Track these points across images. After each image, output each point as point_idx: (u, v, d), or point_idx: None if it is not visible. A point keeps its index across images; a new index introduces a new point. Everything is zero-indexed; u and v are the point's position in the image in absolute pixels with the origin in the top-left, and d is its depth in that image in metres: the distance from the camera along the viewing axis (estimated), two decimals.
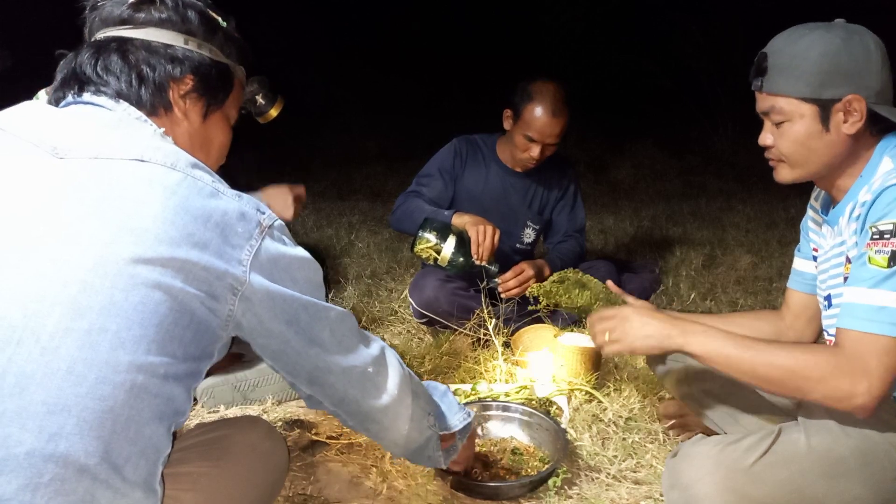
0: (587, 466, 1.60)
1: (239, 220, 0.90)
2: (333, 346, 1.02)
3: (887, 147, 1.23)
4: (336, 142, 7.12)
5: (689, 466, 1.23)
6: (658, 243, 3.76)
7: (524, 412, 1.71)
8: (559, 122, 2.28)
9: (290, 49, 7.99)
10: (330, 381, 1.04)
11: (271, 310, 0.93)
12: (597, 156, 6.37)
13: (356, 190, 5.43)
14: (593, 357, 1.99)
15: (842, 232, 1.29)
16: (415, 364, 2.10)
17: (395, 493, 1.49)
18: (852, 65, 1.19)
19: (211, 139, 1.09)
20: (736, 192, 5.14)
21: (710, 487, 1.19)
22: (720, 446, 1.23)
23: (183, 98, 1.02)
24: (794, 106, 1.23)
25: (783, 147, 1.28)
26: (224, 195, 0.91)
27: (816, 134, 1.23)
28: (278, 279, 0.94)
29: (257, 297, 0.91)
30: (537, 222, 2.56)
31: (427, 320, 2.35)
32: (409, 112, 7.35)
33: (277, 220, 0.97)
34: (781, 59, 1.24)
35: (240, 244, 0.89)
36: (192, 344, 0.87)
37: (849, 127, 1.21)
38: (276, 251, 0.94)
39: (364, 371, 1.06)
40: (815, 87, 1.20)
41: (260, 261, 0.91)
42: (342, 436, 1.72)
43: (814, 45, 1.20)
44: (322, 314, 1.00)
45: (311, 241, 3.77)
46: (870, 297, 1.12)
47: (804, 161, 1.27)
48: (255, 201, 0.96)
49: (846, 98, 1.19)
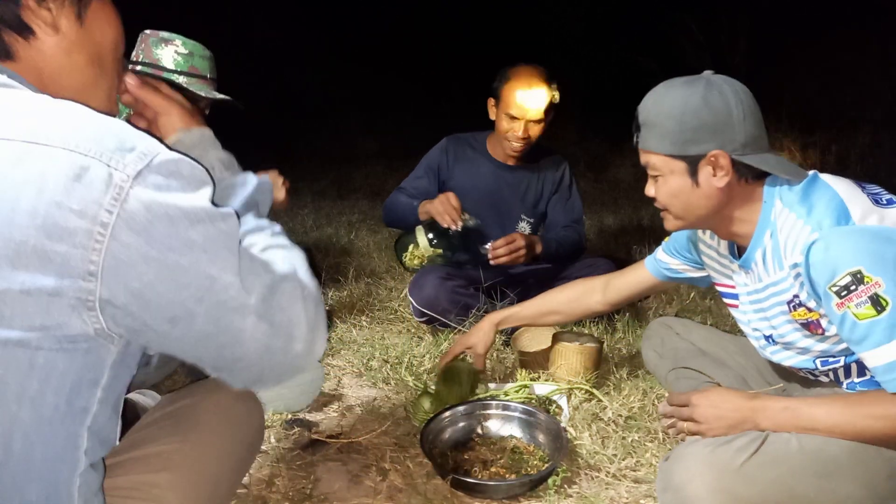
0: (587, 465, 1.60)
1: (70, 188, 0.66)
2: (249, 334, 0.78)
3: (773, 188, 1.28)
4: (336, 141, 7.13)
5: (681, 468, 1.24)
6: (658, 242, 3.74)
7: (524, 411, 1.71)
8: (537, 95, 2.30)
9: (289, 49, 8.00)
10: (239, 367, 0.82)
11: (147, 312, 0.72)
12: (597, 155, 6.37)
13: (356, 189, 5.44)
14: (593, 356, 1.99)
15: (762, 278, 1.33)
16: (415, 364, 2.10)
17: (395, 492, 1.49)
18: (713, 121, 1.22)
19: (99, 41, 0.83)
20: None
21: (701, 488, 1.20)
22: (711, 447, 1.24)
23: (42, 5, 0.76)
24: (665, 162, 1.29)
25: (662, 200, 1.35)
26: (43, 143, 0.66)
27: (688, 188, 1.29)
28: (156, 258, 0.69)
29: (121, 306, 0.70)
30: (531, 216, 2.56)
31: (427, 319, 2.35)
32: (408, 111, 7.35)
33: (154, 153, 0.71)
34: (649, 118, 1.30)
35: (80, 230, 0.66)
36: (47, 392, 0.71)
37: (718, 181, 1.26)
38: (148, 218, 0.69)
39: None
40: (680, 144, 1.25)
41: (121, 244, 0.68)
42: (342, 435, 1.73)
43: (675, 103, 1.25)
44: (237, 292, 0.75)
45: (310, 240, 3.77)
46: (878, 357, 1.13)
47: (684, 213, 1.33)
48: (117, 131, 0.71)
49: (710, 154, 1.24)
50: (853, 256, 1.12)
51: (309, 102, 7.76)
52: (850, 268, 1.12)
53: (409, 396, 1.92)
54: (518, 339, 2.25)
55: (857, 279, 1.11)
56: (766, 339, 1.41)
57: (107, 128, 0.71)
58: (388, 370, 2.08)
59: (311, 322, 0.83)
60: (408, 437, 1.72)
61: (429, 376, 2.04)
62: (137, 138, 0.72)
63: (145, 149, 0.71)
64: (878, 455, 1.17)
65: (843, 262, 1.13)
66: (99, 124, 0.71)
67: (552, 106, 2.36)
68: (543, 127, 2.38)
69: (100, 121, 0.72)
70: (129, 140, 0.70)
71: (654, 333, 1.87)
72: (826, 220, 1.17)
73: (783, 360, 1.40)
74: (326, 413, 1.87)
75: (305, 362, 0.85)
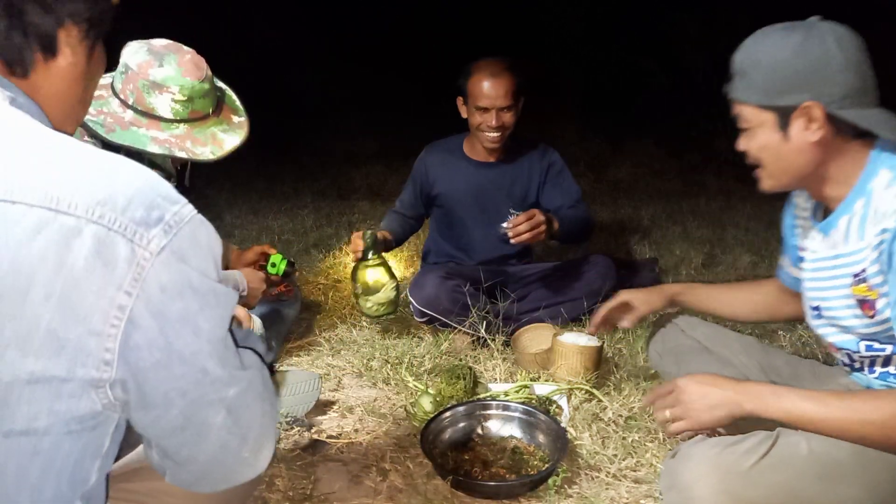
0: (587, 465, 1.60)
1: (91, 267, 0.62)
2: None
3: (882, 155, 1.18)
4: (335, 141, 7.13)
5: (688, 468, 1.23)
6: (658, 242, 3.75)
7: (524, 411, 1.71)
8: (501, 82, 2.29)
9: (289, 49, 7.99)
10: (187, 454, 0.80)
11: (133, 393, 0.70)
12: (597, 155, 6.36)
13: (356, 189, 5.43)
14: (593, 356, 1.99)
15: (836, 245, 1.25)
16: (415, 364, 2.10)
17: (395, 492, 1.49)
18: (809, 69, 1.13)
19: (94, 77, 0.84)
20: (736, 191, 5.13)
21: (707, 489, 1.19)
22: (719, 448, 1.23)
23: (74, 33, 0.77)
24: (755, 114, 1.21)
25: (753, 154, 1.26)
26: (66, 212, 0.61)
27: (777, 142, 1.20)
28: (163, 346, 0.67)
29: (121, 387, 0.69)
30: (520, 209, 2.49)
31: (427, 319, 2.35)
32: (408, 111, 7.35)
33: (182, 221, 0.68)
34: (741, 66, 1.22)
35: (97, 313, 0.62)
36: (48, 477, 0.68)
37: (811, 135, 1.16)
38: (163, 300, 0.66)
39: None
40: (771, 94, 1.17)
41: (136, 327, 0.65)
42: (342, 435, 1.73)
43: (769, 51, 1.17)
44: (218, 386, 0.75)
45: (311, 240, 3.77)
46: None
47: (776, 170, 1.24)
48: (147, 193, 0.66)
49: (802, 105, 1.14)
50: None
51: (309, 102, 7.75)
52: None
53: (409, 396, 1.92)
54: (518, 339, 2.25)
55: None
56: (814, 310, 1.34)
57: (136, 188, 0.66)
58: (389, 370, 2.08)
59: (264, 426, 0.83)
60: (408, 438, 1.72)
61: (429, 376, 2.04)
62: (166, 203, 0.68)
63: (172, 218, 0.67)
64: (881, 459, 1.16)
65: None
66: (129, 186, 0.66)
67: (521, 91, 2.35)
68: (515, 114, 2.36)
69: (130, 180, 0.67)
70: (158, 207, 0.67)
71: (659, 330, 1.86)
72: None
73: (827, 336, 1.33)
74: (327, 413, 1.87)
75: (245, 472, 0.84)
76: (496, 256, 2.58)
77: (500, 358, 2.16)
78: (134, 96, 1.62)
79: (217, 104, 1.74)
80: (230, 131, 1.72)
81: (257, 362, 0.84)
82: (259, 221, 4.22)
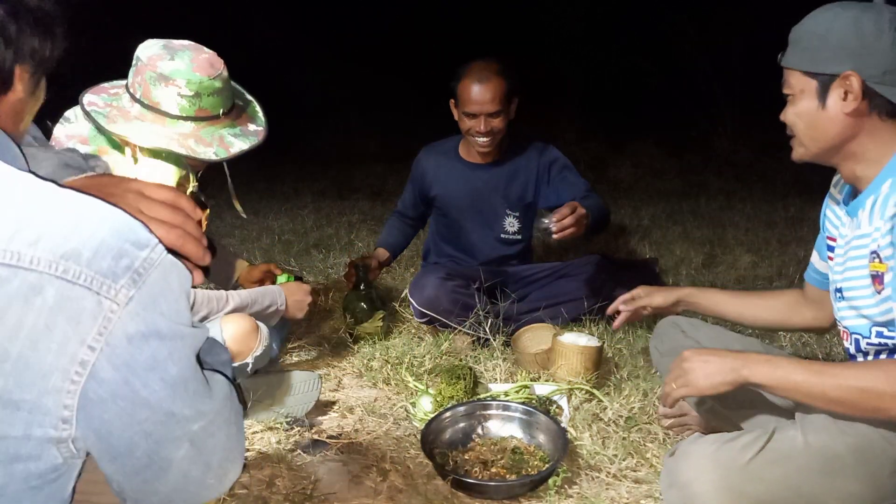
0: (587, 465, 1.60)
1: (52, 324, 0.60)
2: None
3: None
4: (335, 141, 7.13)
5: (687, 465, 1.24)
6: (658, 242, 3.76)
7: (524, 411, 1.71)
8: (489, 87, 2.27)
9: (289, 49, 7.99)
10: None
11: (97, 449, 0.68)
12: (597, 155, 6.36)
13: (356, 189, 5.44)
14: (593, 356, 1.99)
15: (861, 225, 1.26)
16: (415, 364, 2.10)
17: (395, 492, 1.49)
18: (856, 42, 1.16)
19: (32, 110, 0.83)
20: (736, 191, 5.14)
21: (707, 485, 1.20)
22: (717, 444, 1.24)
23: (27, 70, 0.76)
24: (799, 80, 1.24)
25: (790, 119, 1.29)
26: (27, 268, 0.59)
27: (814, 110, 1.23)
28: (127, 395, 0.65)
29: (83, 442, 0.66)
30: (517, 209, 2.51)
31: (428, 319, 2.35)
32: (408, 111, 7.35)
33: (151, 266, 0.65)
34: (796, 34, 1.25)
35: (55, 371, 0.60)
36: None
37: (846, 105, 1.19)
38: (129, 351, 0.64)
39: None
40: (815, 61, 1.21)
41: (98, 381, 0.62)
42: (342, 435, 1.73)
43: (824, 20, 1.21)
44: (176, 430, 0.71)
45: (311, 240, 3.77)
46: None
47: (808, 138, 1.27)
48: (114, 240, 0.63)
49: (843, 74, 1.17)
50: None
51: (309, 102, 7.75)
52: None
53: (409, 397, 1.92)
54: (518, 339, 2.25)
55: None
56: (837, 291, 1.35)
57: (101, 238, 0.63)
58: (389, 370, 2.08)
59: (228, 450, 0.80)
60: (408, 438, 1.72)
61: (429, 376, 2.04)
62: (134, 249, 0.65)
63: (141, 265, 0.64)
64: (882, 453, 1.17)
65: None
66: (95, 235, 0.63)
67: (512, 93, 2.32)
68: (505, 118, 2.33)
69: (96, 227, 0.64)
70: (126, 255, 0.64)
71: (661, 331, 1.86)
72: None
73: (844, 319, 1.34)
74: (327, 413, 1.87)
75: (209, 495, 0.82)
76: (495, 257, 2.58)
77: (500, 358, 2.16)
78: (141, 89, 1.59)
79: (232, 108, 1.70)
80: (241, 136, 1.68)
81: (225, 386, 0.81)
82: (259, 222, 4.22)
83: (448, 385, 1.84)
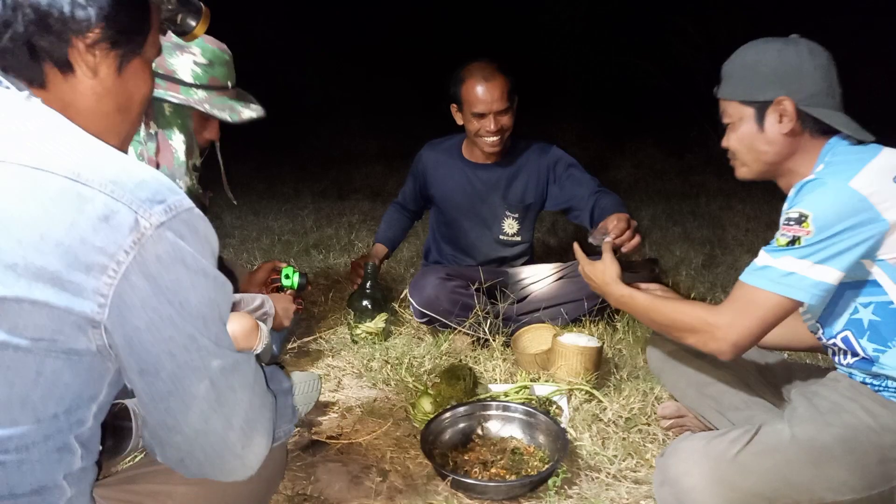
0: (587, 466, 1.60)
1: (98, 227, 0.71)
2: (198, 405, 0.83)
3: (828, 152, 1.31)
4: (335, 141, 7.13)
5: (677, 460, 1.27)
6: (658, 242, 3.76)
7: (524, 412, 1.71)
8: (495, 85, 2.27)
9: (289, 49, 7.99)
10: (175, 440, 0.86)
11: (128, 357, 0.77)
12: (597, 155, 6.36)
13: (356, 189, 5.43)
14: (593, 357, 1.99)
15: None
16: (415, 364, 2.10)
17: (395, 493, 1.49)
18: (783, 69, 1.31)
19: (131, 94, 0.88)
20: (736, 192, 5.13)
21: (697, 479, 1.22)
22: (706, 440, 1.27)
23: (90, 51, 0.81)
24: (737, 109, 1.38)
25: (732, 146, 1.43)
26: (84, 184, 0.72)
27: (754, 133, 1.37)
28: (154, 306, 0.75)
29: (115, 341, 0.76)
30: (516, 210, 2.51)
31: (427, 320, 2.35)
32: (408, 111, 7.35)
33: (181, 208, 0.77)
34: (729, 68, 1.40)
35: (97, 265, 0.71)
36: (49, 402, 0.74)
37: (782, 126, 1.32)
38: (158, 268, 0.74)
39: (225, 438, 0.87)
40: (750, 90, 1.35)
41: (130, 284, 0.73)
42: (342, 436, 1.73)
43: (750, 56, 1.36)
44: (199, 363, 0.81)
45: (311, 240, 3.77)
46: (760, 259, 1.28)
47: (749, 159, 1.41)
48: (153, 184, 0.76)
49: (777, 99, 1.31)
50: (813, 204, 1.21)
51: (309, 103, 7.76)
52: (803, 209, 1.22)
53: (409, 397, 1.92)
54: (518, 339, 2.25)
55: (799, 220, 1.22)
56: None
57: (144, 180, 0.76)
58: (389, 371, 2.08)
59: (250, 416, 0.89)
60: (408, 438, 1.72)
61: (429, 377, 2.04)
62: (169, 192, 0.77)
63: (173, 203, 0.76)
64: (868, 442, 1.20)
65: (804, 203, 1.23)
66: (139, 176, 0.76)
67: (514, 91, 2.32)
68: (512, 115, 2.34)
69: (141, 172, 0.77)
70: (161, 193, 0.76)
71: (657, 335, 1.87)
72: (833, 171, 1.23)
73: (810, 328, 1.44)
74: (327, 414, 1.87)
75: (233, 463, 0.89)
76: (494, 258, 2.58)
77: (500, 358, 2.16)
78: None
79: (234, 86, 1.77)
80: (247, 107, 1.76)
81: (250, 358, 0.90)
82: (259, 222, 4.22)
83: (448, 385, 1.84)
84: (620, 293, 1.58)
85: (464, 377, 1.86)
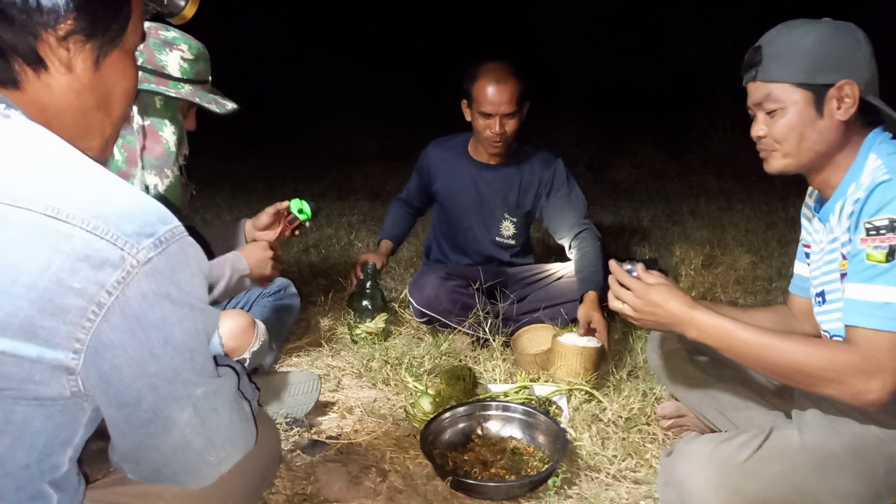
0: (587, 466, 1.60)
1: (76, 268, 0.65)
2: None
3: (873, 143, 1.25)
4: (335, 142, 7.13)
5: (683, 463, 1.25)
6: (658, 243, 3.76)
7: (524, 412, 1.71)
8: (506, 88, 2.27)
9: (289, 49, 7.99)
10: (152, 456, 0.82)
11: (104, 394, 0.73)
12: (596, 156, 6.37)
13: (356, 190, 5.43)
14: (593, 357, 1.99)
15: (833, 229, 1.30)
16: (415, 364, 2.10)
17: (395, 493, 1.49)
18: (844, 52, 1.21)
19: (112, 89, 0.81)
20: (735, 192, 5.14)
21: (703, 483, 1.21)
22: (714, 443, 1.26)
23: (62, 44, 0.74)
24: (788, 93, 1.25)
25: (776, 134, 1.29)
26: (63, 220, 0.65)
27: (810, 120, 1.25)
28: (136, 346, 0.70)
29: (91, 382, 0.71)
30: (514, 215, 2.52)
31: (427, 319, 2.35)
32: (408, 112, 7.35)
33: (172, 239, 0.72)
34: (775, 48, 1.26)
35: (74, 308, 0.66)
36: (18, 452, 0.70)
37: (842, 113, 1.23)
38: (142, 306, 0.69)
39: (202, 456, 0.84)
40: (810, 72, 1.23)
41: (111, 325, 0.68)
42: (342, 436, 1.73)
43: (806, 34, 1.23)
44: (182, 392, 0.77)
45: (310, 240, 3.77)
46: (872, 293, 1.13)
47: (796, 149, 1.28)
48: (140, 212, 0.70)
49: (839, 83, 1.21)
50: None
51: (309, 103, 7.76)
52: (893, 213, 1.11)
53: (409, 397, 1.92)
54: (518, 339, 2.25)
55: (891, 226, 1.11)
56: (818, 296, 1.37)
57: (130, 211, 0.70)
58: (388, 371, 2.08)
59: (233, 434, 0.87)
60: (408, 438, 1.72)
61: (429, 377, 2.04)
62: (159, 222, 0.71)
63: (164, 235, 0.71)
64: (876, 452, 1.19)
65: (891, 206, 1.12)
66: (125, 206, 0.70)
67: (525, 96, 2.33)
68: (519, 120, 2.34)
69: (127, 201, 0.70)
70: (150, 225, 0.70)
71: (657, 335, 1.86)
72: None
73: (824, 323, 1.36)
74: (326, 414, 1.87)
75: (206, 474, 0.86)
76: (493, 257, 2.58)
77: (499, 359, 2.16)
78: (144, 56, 1.70)
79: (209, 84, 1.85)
80: (226, 99, 1.84)
81: (231, 375, 0.88)
82: None
83: (447, 385, 1.84)
84: (712, 322, 1.25)
85: (463, 377, 1.86)
